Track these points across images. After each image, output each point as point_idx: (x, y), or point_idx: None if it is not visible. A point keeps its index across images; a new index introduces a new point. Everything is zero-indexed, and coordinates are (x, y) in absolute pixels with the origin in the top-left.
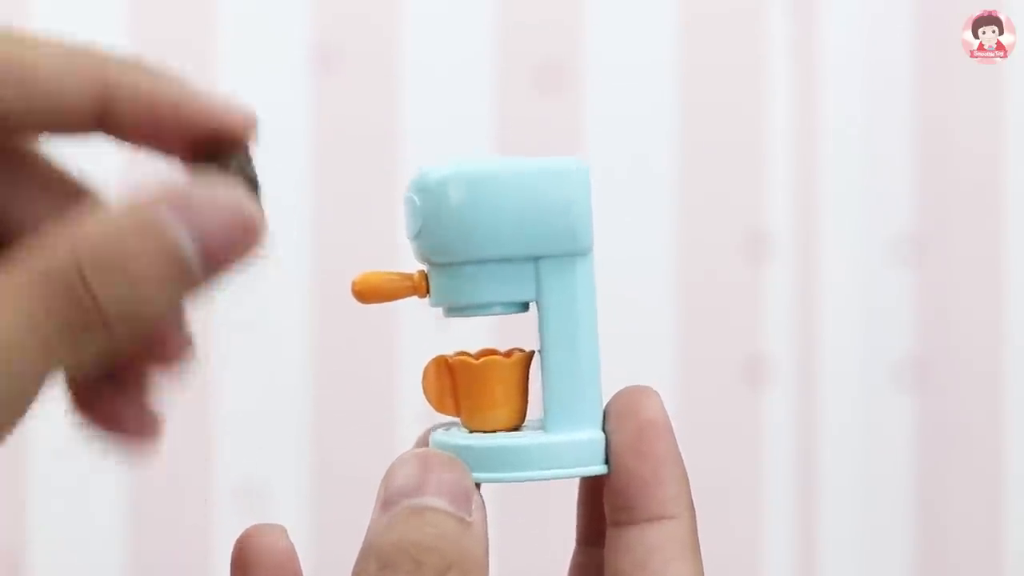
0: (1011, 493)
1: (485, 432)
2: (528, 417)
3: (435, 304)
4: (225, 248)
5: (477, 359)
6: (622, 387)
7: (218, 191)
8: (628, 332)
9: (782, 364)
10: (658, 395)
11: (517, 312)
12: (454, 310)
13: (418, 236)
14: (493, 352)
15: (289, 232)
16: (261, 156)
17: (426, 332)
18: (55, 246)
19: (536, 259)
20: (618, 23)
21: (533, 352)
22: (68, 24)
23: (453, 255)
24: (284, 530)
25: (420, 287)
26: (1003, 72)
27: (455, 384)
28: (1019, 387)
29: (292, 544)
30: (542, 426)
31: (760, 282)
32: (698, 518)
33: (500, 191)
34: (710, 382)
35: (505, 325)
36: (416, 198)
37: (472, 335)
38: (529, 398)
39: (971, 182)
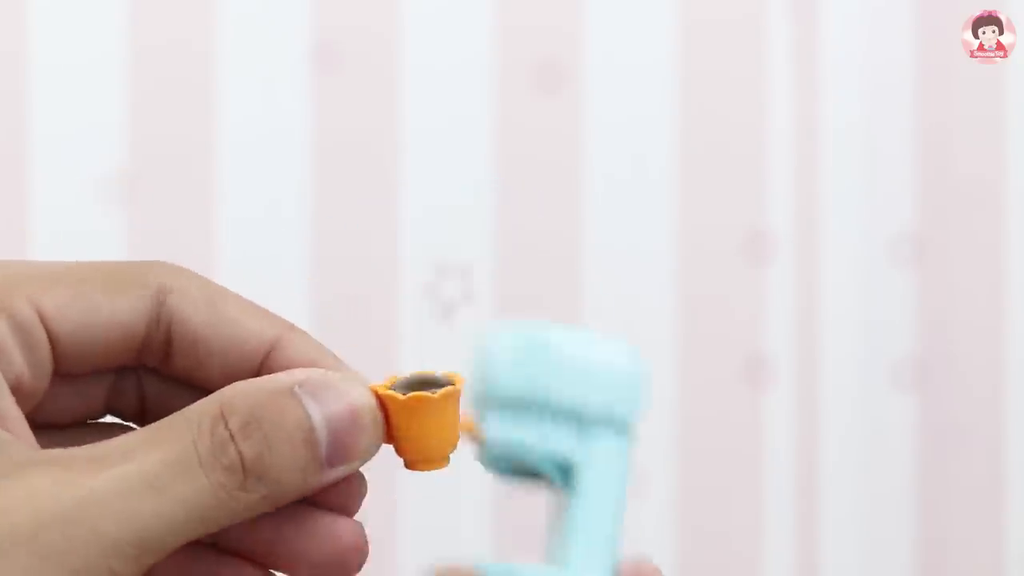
0: (1013, 493)
1: (423, 464)
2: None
3: (481, 456)
4: (348, 440)
5: (404, 394)
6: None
7: (342, 379)
8: (629, 332)
9: (783, 364)
10: (660, 572)
11: (555, 475)
12: (495, 458)
13: (477, 386)
14: (424, 380)
15: (289, 232)
16: (261, 156)
17: (427, 334)
18: (202, 402)
19: (583, 423)
20: (618, 23)
21: (460, 387)
22: (66, 25)
23: (505, 406)
24: None
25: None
26: (1003, 72)
27: (386, 414)
28: (1021, 387)
29: None
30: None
31: (761, 282)
32: (699, 518)
33: (559, 358)
34: (710, 382)
35: None
36: (483, 352)
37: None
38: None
39: (972, 182)
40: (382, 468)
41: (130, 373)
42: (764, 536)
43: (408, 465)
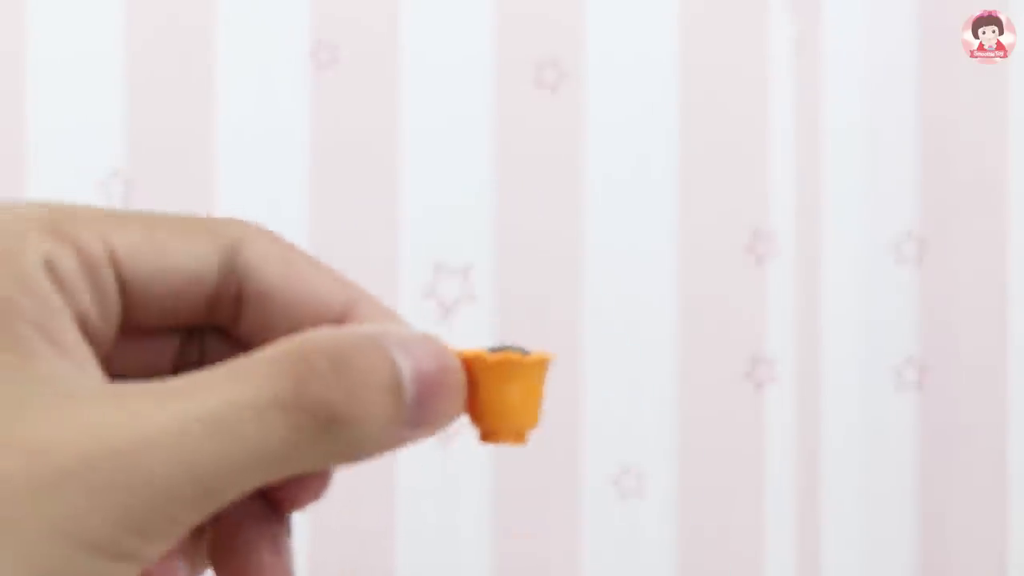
0: (1015, 493)
1: (500, 435)
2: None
3: None
4: (434, 400)
5: (490, 358)
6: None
7: (429, 338)
8: (630, 332)
9: (784, 364)
10: None
11: None
12: None
13: None
14: (511, 352)
15: (288, 231)
16: (259, 155)
17: (427, 330)
18: (284, 341)
19: None
20: (619, 21)
21: (549, 358)
22: (64, 23)
23: None
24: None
25: None
26: (1004, 71)
27: (469, 380)
28: (1022, 386)
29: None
30: None
31: (762, 281)
32: (699, 518)
33: None
34: (712, 382)
35: (505, 325)
36: None
37: (474, 332)
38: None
39: (973, 181)
40: (380, 469)
41: (197, 335)
42: (765, 536)
43: (484, 436)
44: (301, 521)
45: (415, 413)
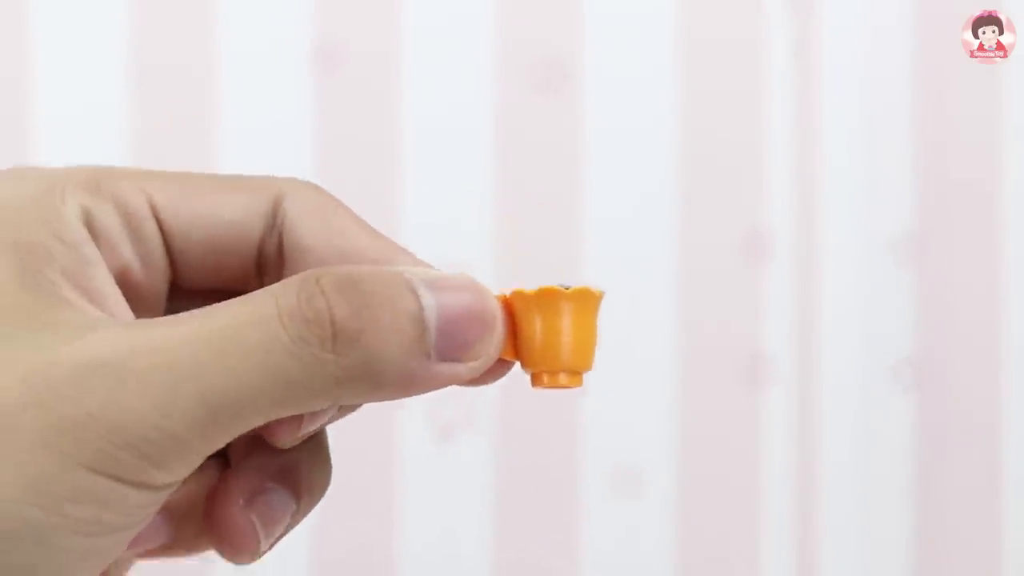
0: (1010, 492)
1: (549, 375)
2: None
3: None
4: (461, 329)
5: (530, 291)
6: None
7: (461, 277)
8: (627, 331)
9: (782, 364)
10: None
11: None
12: None
13: None
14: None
15: None
16: (261, 158)
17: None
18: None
19: None
20: (619, 23)
21: (598, 293)
22: (65, 20)
23: None
24: None
25: None
26: (1003, 72)
27: (513, 322)
28: (1018, 386)
29: None
30: None
31: (760, 281)
32: (698, 518)
33: None
34: (710, 381)
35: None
36: None
37: None
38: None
39: (971, 182)
40: (380, 469)
41: None
42: (763, 536)
43: (535, 380)
44: (303, 523)
45: (440, 344)
